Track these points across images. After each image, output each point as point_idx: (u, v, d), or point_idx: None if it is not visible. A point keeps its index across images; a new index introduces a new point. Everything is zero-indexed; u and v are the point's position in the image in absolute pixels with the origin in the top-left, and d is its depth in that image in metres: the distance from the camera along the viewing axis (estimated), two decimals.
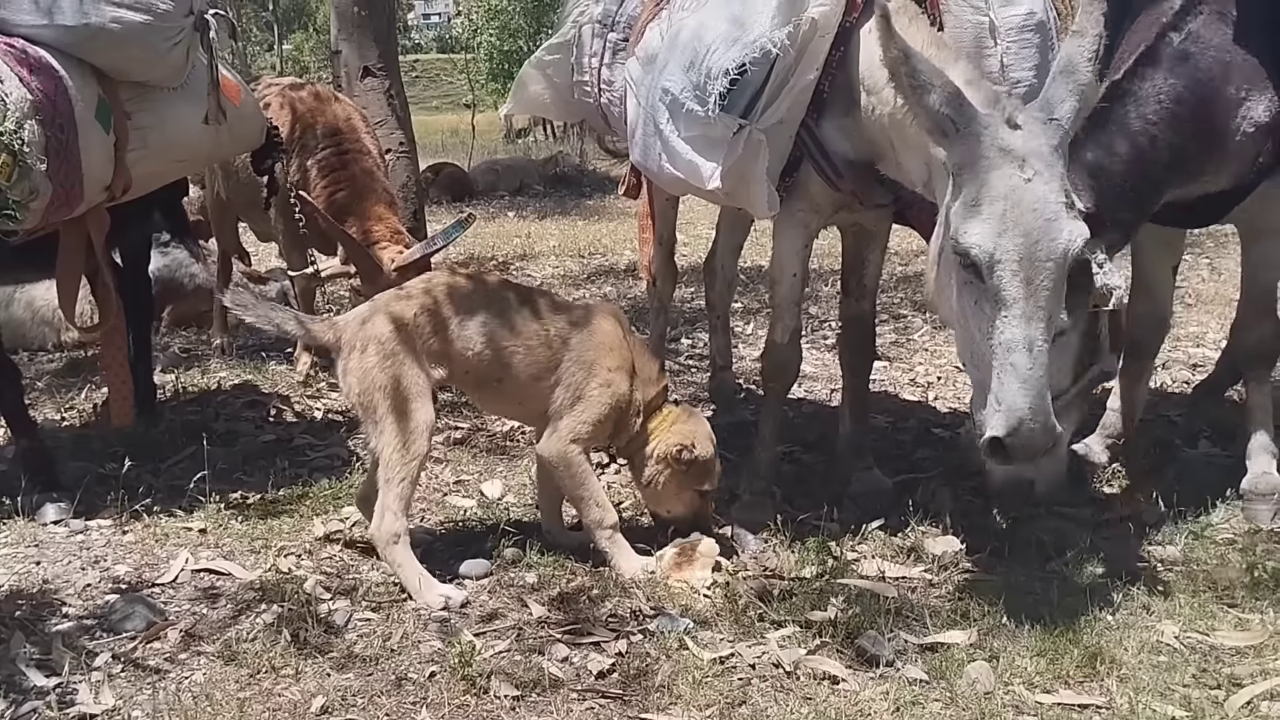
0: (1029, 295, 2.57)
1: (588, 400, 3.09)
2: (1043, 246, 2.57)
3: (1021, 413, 2.55)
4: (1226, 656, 2.64)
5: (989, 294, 2.61)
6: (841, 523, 3.32)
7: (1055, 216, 2.58)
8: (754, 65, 3.00)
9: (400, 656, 2.62)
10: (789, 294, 3.43)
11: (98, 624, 2.78)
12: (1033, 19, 3.21)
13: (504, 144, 20.70)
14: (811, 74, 3.06)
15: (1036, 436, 2.57)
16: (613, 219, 11.40)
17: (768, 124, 3.07)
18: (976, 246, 2.59)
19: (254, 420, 4.58)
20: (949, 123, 2.63)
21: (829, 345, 5.63)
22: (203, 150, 3.89)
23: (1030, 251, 2.57)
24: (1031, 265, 2.57)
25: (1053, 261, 2.58)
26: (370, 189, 4.90)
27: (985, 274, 2.60)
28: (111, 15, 3.27)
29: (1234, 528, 3.33)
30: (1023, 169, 2.59)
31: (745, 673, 2.55)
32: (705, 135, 3.11)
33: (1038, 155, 2.61)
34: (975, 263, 2.60)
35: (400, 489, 2.94)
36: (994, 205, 2.58)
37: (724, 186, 3.11)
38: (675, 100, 3.15)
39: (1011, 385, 2.56)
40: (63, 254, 3.55)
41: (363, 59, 5.85)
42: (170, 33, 3.40)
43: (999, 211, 2.57)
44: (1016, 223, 2.56)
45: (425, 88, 47.16)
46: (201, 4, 3.53)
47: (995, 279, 2.58)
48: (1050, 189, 2.59)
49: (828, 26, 3.03)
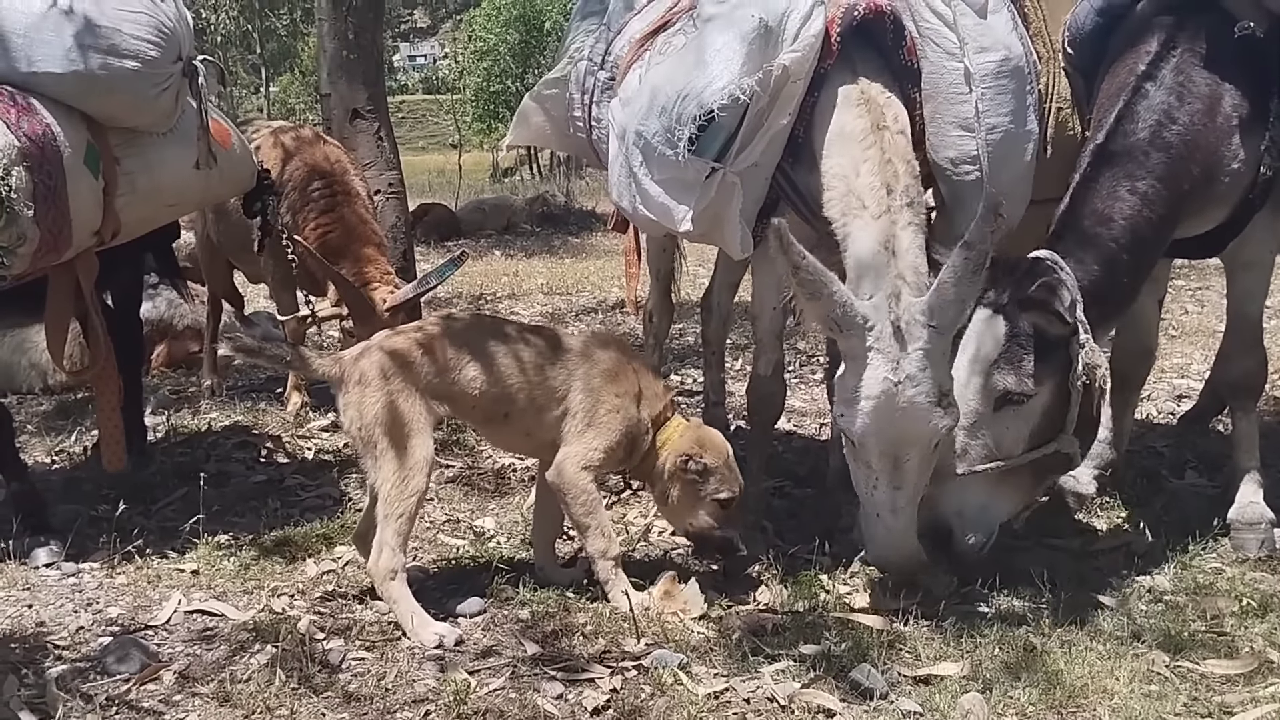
0: (895, 469, 2.90)
1: (598, 427, 3.10)
2: (909, 438, 2.87)
3: (885, 557, 3.03)
4: (1217, 684, 2.66)
5: (862, 462, 2.95)
6: (833, 556, 3.34)
7: (924, 416, 2.84)
8: (724, 111, 3.06)
9: (395, 695, 2.62)
10: (770, 327, 3.47)
11: (91, 666, 2.76)
12: (1008, 64, 3.26)
13: (491, 183, 20.85)
14: (785, 119, 3.13)
15: (894, 568, 3.04)
16: (599, 256, 11.46)
17: (741, 167, 3.13)
18: (850, 432, 2.92)
19: (245, 461, 4.58)
20: (834, 325, 2.88)
21: (818, 380, 5.66)
22: (193, 194, 3.91)
23: (896, 441, 2.87)
24: (900, 449, 2.88)
25: (918, 446, 2.89)
26: (360, 231, 4.93)
27: (859, 450, 2.94)
28: (99, 62, 3.27)
29: (1222, 557, 3.35)
30: (895, 372, 2.82)
31: (740, 707, 2.55)
32: (677, 178, 3.17)
33: (912, 361, 2.83)
34: (851, 441, 2.94)
35: (398, 525, 2.94)
36: (868, 402, 2.85)
37: (695, 229, 3.16)
38: (648, 144, 3.20)
39: (878, 534, 2.98)
40: (51, 299, 3.55)
41: (352, 101, 5.90)
42: (159, 79, 3.42)
43: (871, 408, 2.85)
44: (885, 419, 2.85)
45: (411, 128, 47.48)
46: (190, 50, 3.56)
47: (865, 455, 2.92)
48: (919, 392, 2.83)
49: (800, 72, 3.09)
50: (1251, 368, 3.52)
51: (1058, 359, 3.00)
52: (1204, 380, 5.01)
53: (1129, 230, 3.08)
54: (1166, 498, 3.83)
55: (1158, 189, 3.10)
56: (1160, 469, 4.17)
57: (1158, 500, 3.79)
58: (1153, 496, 3.82)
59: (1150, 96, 3.17)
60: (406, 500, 2.95)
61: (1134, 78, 3.21)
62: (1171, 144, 3.13)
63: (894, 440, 2.86)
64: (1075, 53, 3.48)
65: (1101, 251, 3.07)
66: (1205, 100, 3.17)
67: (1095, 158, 3.16)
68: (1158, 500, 3.79)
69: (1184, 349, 6.22)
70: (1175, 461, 4.25)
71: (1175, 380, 5.60)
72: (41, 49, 3.22)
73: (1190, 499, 3.84)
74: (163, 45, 3.38)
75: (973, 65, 3.23)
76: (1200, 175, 3.16)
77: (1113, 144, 3.15)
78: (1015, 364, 2.99)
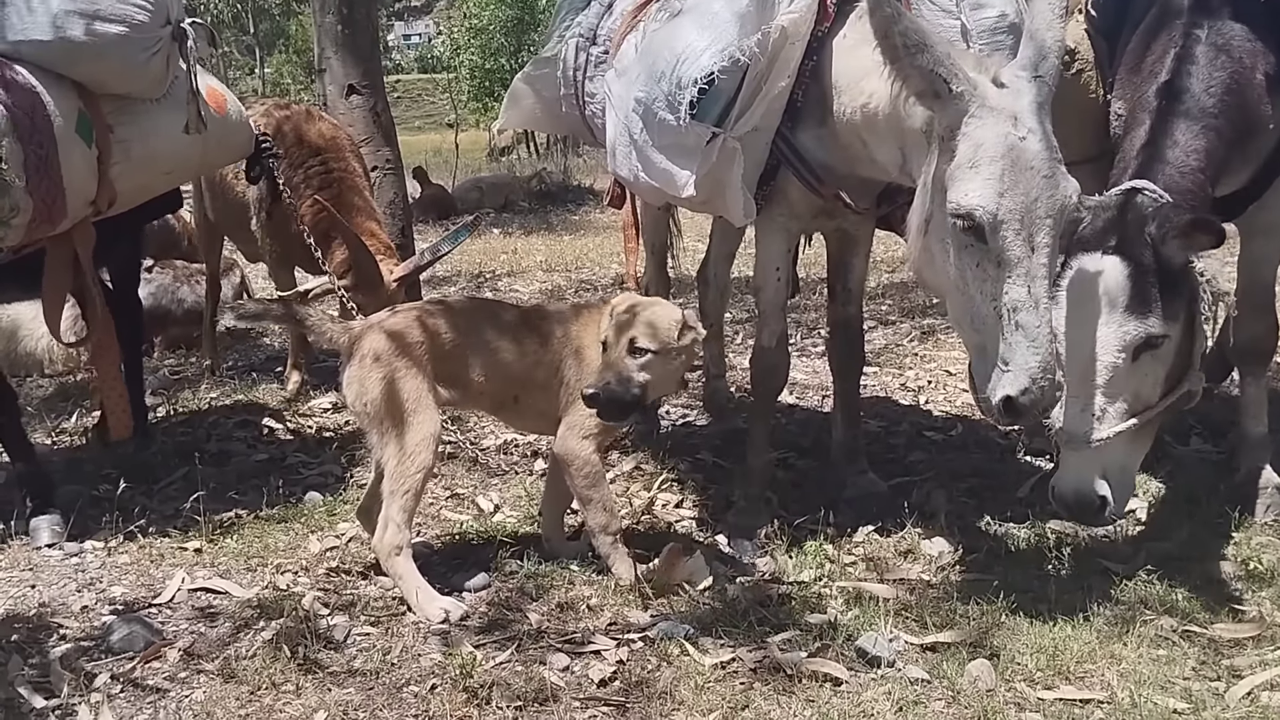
0: (1032, 254, 2.58)
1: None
2: (1042, 204, 2.57)
3: (1032, 371, 2.56)
4: (1225, 648, 2.66)
5: (991, 255, 2.60)
6: (838, 526, 3.33)
7: (1052, 173, 2.59)
8: (724, 74, 3.01)
9: (400, 670, 2.61)
10: (774, 297, 3.44)
11: (96, 645, 2.76)
12: (1004, 21, 3.22)
13: (488, 162, 20.77)
14: (784, 81, 3.08)
15: (1046, 394, 2.59)
16: (598, 233, 11.42)
17: (742, 131, 3.08)
18: (980, 208, 2.57)
19: (246, 440, 4.56)
20: (941, 82, 2.61)
21: (819, 353, 5.64)
22: (190, 161, 3.86)
23: (1031, 209, 2.57)
24: (1034, 223, 2.57)
25: (1052, 218, 2.59)
26: (358, 206, 4.90)
27: (989, 235, 2.59)
28: (86, 28, 3.23)
29: (1228, 522, 3.34)
30: (1016, 127, 2.59)
31: (747, 677, 2.55)
32: (678, 144, 3.12)
33: (1028, 112, 2.62)
34: (978, 224, 2.59)
35: (404, 501, 2.93)
36: (994, 165, 2.57)
37: (698, 194, 3.12)
38: (648, 110, 3.16)
39: (1021, 345, 2.57)
40: (48, 270, 3.52)
41: (347, 77, 5.84)
42: (148, 43, 3.37)
43: (999, 171, 2.57)
44: (1016, 181, 2.56)
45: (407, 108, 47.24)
46: (179, 13, 3.51)
47: (999, 240, 2.58)
48: (1043, 146, 2.59)
49: (798, 34, 3.05)
50: (1262, 333, 3.49)
51: (1185, 291, 2.86)
52: None
53: (1211, 163, 3.02)
54: (1172, 464, 3.82)
55: (1225, 128, 3.04)
56: (1165, 435, 4.14)
57: (1163, 466, 3.78)
58: (1158, 463, 3.81)
59: (1202, 40, 3.12)
60: (413, 476, 2.93)
61: (1179, 28, 3.16)
62: (1229, 89, 3.08)
63: (1028, 208, 2.56)
64: (1098, 15, 3.44)
65: (1192, 181, 2.98)
66: (1248, 55, 3.12)
67: (1165, 93, 3.08)
68: (1163, 466, 3.78)
69: None
70: (1179, 428, 4.23)
71: None
72: (26, 16, 3.18)
73: (1195, 465, 3.83)
74: (150, 9, 3.33)
75: (969, 21, 3.19)
76: (1244, 127, 3.11)
77: (1180, 81, 3.09)
78: (1149, 305, 2.79)
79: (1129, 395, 2.85)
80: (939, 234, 2.73)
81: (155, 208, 4.13)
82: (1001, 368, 2.61)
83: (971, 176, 2.58)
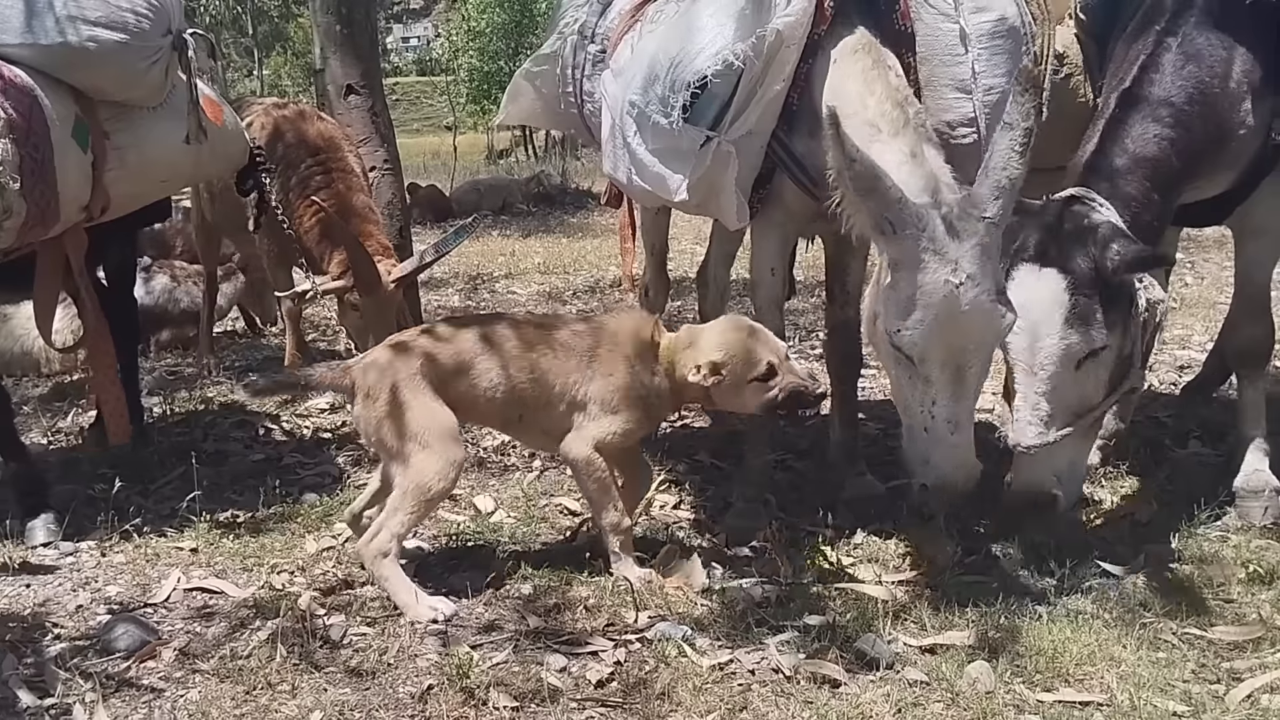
0: (958, 380, 2.74)
1: (602, 403, 3.04)
2: (974, 342, 2.72)
3: (947, 474, 2.79)
4: (1225, 651, 2.65)
5: (920, 377, 2.76)
6: (836, 528, 3.32)
7: (988, 316, 2.70)
8: (717, 77, 3.00)
9: (397, 670, 2.60)
10: (770, 294, 3.43)
11: (91, 645, 2.75)
12: (1004, 24, 3.22)
13: (486, 164, 20.77)
14: (779, 85, 3.07)
15: (958, 487, 2.81)
16: (597, 235, 11.41)
17: (736, 135, 3.07)
18: (909, 345, 2.73)
19: (243, 440, 4.55)
20: (887, 224, 2.70)
21: (817, 355, 5.63)
22: (184, 170, 3.87)
23: (961, 348, 2.71)
24: (963, 357, 2.72)
25: (984, 349, 2.75)
26: (356, 208, 4.89)
27: (918, 365, 2.74)
28: (88, 34, 3.23)
29: (1227, 525, 3.34)
30: (955, 273, 2.66)
31: (745, 678, 2.54)
32: (672, 147, 3.11)
33: (969, 259, 2.68)
34: (908, 356, 2.75)
35: (408, 519, 2.91)
36: (928, 310, 2.68)
37: (691, 198, 3.11)
38: (641, 113, 3.15)
39: (943, 446, 2.77)
40: (40, 274, 3.53)
41: (346, 77, 5.83)
42: (148, 52, 3.37)
43: (931, 316, 2.68)
44: (947, 326, 2.68)
45: (406, 110, 47.30)
46: (179, 23, 3.52)
47: (927, 369, 2.74)
48: (980, 289, 2.67)
49: (793, 38, 3.03)
50: (1259, 335, 3.49)
51: (1125, 299, 2.93)
52: (1205, 351, 5.00)
53: (1159, 171, 3.04)
54: (1170, 467, 3.81)
55: (1183, 137, 3.07)
56: (1164, 439, 4.15)
57: (1162, 470, 3.77)
58: (1157, 466, 3.81)
59: (1171, 49, 3.14)
60: (426, 502, 2.92)
61: (1153, 34, 3.18)
62: (1192, 98, 3.10)
63: (959, 347, 2.70)
64: (1088, 18, 3.44)
65: (1136, 189, 3.02)
66: (1221, 63, 3.14)
67: (1123, 101, 3.12)
68: (1162, 470, 3.77)
69: (1185, 320, 6.19)
70: (1179, 431, 4.23)
71: (1177, 351, 5.58)
72: (28, 20, 3.17)
73: (1194, 468, 3.82)
74: (151, 17, 3.34)
75: (968, 25, 3.19)
76: (1214, 134, 3.13)
77: (1140, 89, 3.12)
78: (1089, 318, 2.87)
79: (1073, 400, 2.95)
80: (883, 339, 2.85)
81: (146, 215, 4.13)
82: (923, 461, 2.82)
83: (906, 314, 2.71)
